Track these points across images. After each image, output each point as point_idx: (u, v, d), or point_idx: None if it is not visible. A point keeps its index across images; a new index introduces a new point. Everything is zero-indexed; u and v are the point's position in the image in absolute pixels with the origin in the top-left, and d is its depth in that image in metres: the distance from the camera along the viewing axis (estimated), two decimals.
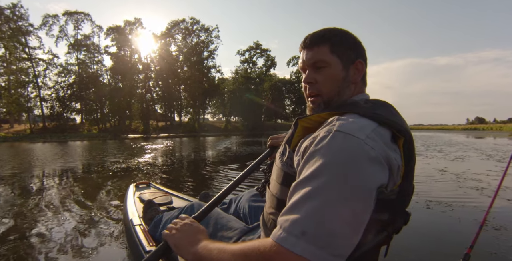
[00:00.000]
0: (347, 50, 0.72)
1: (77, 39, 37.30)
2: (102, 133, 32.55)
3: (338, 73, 0.71)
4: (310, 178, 0.53)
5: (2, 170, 6.14)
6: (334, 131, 0.56)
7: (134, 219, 1.55)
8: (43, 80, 35.98)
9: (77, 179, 4.88)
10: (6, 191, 3.95)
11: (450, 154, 8.45)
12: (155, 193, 2.03)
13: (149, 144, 15.51)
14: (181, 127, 38.60)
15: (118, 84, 38.81)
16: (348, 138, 0.54)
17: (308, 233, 0.48)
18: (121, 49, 38.25)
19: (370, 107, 0.65)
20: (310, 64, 0.73)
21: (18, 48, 33.88)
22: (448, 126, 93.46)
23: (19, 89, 34.29)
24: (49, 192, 3.83)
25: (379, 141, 0.55)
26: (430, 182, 4.34)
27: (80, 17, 37.11)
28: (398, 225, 0.64)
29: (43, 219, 2.61)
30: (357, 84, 0.74)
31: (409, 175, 0.61)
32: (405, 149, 0.59)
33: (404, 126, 0.61)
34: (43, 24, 35.51)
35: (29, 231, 2.30)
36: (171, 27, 40.65)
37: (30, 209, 2.98)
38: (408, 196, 0.64)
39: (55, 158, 8.53)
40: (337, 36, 0.72)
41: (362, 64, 0.73)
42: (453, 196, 3.53)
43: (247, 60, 46.41)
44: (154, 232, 1.29)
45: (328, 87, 0.72)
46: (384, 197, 0.56)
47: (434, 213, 2.94)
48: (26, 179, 4.90)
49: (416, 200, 3.40)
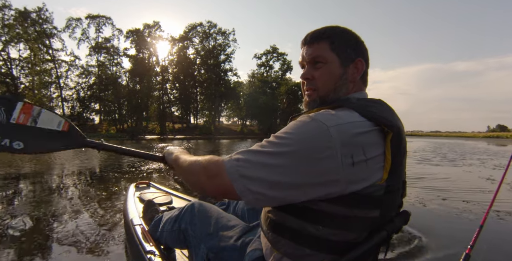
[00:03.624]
0: (347, 48, 0.72)
1: (98, 41, 38.16)
2: (119, 134, 32.99)
3: (336, 70, 0.72)
4: (271, 141, 0.60)
5: (14, 168, 6.10)
6: (309, 116, 0.60)
7: (134, 219, 1.55)
8: (65, 81, 37.06)
9: (87, 178, 4.83)
10: (12, 190, 3.89)
11: (488, 162, 8.16)
12: (155, 193, 2.04)
13: (165, 145, 15.47)
14: (197, 129, 38.79)
15: (136, 86, 39.44)
16: (315, 123, 0.57)
17: (240, 160, 0.60)
18: (140, 51, 38.94)
19: (362, 104, 0.65)
20: (309, 60, 0.74)
21: (42, 50, 35.04)
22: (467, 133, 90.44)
23: (42, 90, 35.42)
24: (55, 191, 3.80)
25: (348, 134, 0.56)
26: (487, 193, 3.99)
27: (101, 20, 38.02)
28: (397, 224, 0.65)
29: (43, 219, 2.59)
30: (355, 82, 0.74)
31: (398, 170, 0.62)
32: (393, 144, 0.60)
33: (394, 122, 0.61)
34: (67, 27, 36.57)
35: (29, 230, 2.27)
36: (188, 30, 41.14)
37: (32, 207, 2.97)
38: (397, 192, 0.64)
39: (72, 157, 8.54)
40: (338, 33, 0.73)
41: (363, 63, 0.73)
42: None
43: (264, 64, 46.38)
44: (154, 232, 1.27)
45: (325, 83, 0.72)
46: (370, 193, 0.58)
47: (434, 213, 2.95)
48: (38, 177, 4.87)
49: (417, 200, 3.45)
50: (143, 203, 1.75)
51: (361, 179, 0.57)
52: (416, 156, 10.41)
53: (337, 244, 0.56)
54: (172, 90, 42.06)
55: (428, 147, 17.26)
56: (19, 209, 2.92)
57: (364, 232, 0.62)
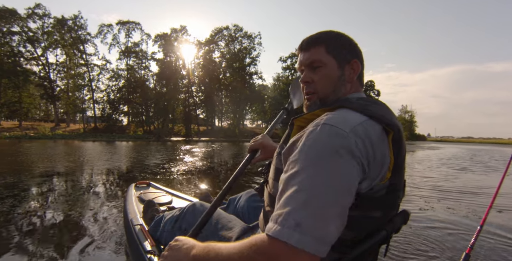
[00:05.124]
0: (342, 50, 0.74)
1: (127, 46, 39.54)
2: (146, 135, 33.65)
3: (334, 72, 0.74)
4: (298, 170, 0.55)
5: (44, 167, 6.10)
6: (322, 124, 0.58)
7: (134, 219, 1.54)
8: (97, 83, 38.81)
9: (88, 178, 4.74)
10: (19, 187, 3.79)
11: None
12: (155, 193, 2.03)
13: (192, 147, 15.41)
14: (221, 132, 38.85)
15: (162, 89, 40.32)
16: (333, 130, 0.56)
17: (302, 224, 0.49)
18: (167, 55, 39.84)
19: (362, 104, 0.67)
20: (307, 64, 0.76)
21: (77, 54, 36.87)
22: (503, 140, 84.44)
23: (76, 92, 37.17)
24: (66, 189, 3.76)
25: (363, 136, 0.57)
26: None
27: (131, 26, 39.44)
28: (397, 224, 0.66)
29: (43, 218, 2.57)
30: (353, 83, 0.76)
31: (399, 169, 0.63)
32: (394, 143, 0.61)
33: (393, 121, 0.62)
34: (99, 32, 38.25)
35: (29, 230, 2.25)
36: (215, 34, 41.59)
37: (36, 204, 2.98)
38: (399, 191, 0.65)
39: (99, 157, 8.58)
40: (332, 37, 0.75)
41: (358, 63, 0.75)
42: None
43: (289, 67, 45.88)
44: (154, 232, 1.27)
45: (324, 86, 0.75)
46: (373, 193, 0.59)
47: (434, 213, 2.95)
48: (61, 176, 4.86)
49: (417, 201, 3.48)
50: (143, 203, 1.76)
51: (367, 179, 0.58)
52: (452, 164, 9.29)
53: (337, 243, 0.54)
54: (198, 93, 42.59)
55: (463, 154, 15.85)
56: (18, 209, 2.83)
57: (364, 232, 0.62)
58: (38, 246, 1.94)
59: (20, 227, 2.28)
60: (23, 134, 26.46)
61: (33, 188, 3.78)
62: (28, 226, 2.33)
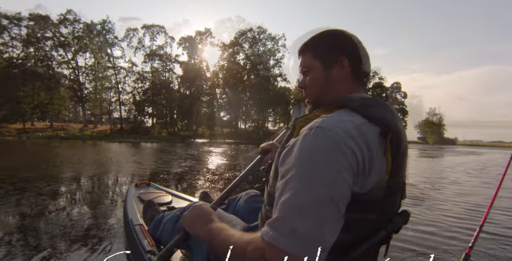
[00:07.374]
0: (327, 51, 0.74)
1: (152, 49, 40.12)
2: (171, 136, 33.76)
3: (319, 74, 0.75)
4: (293, 176, 0.55)
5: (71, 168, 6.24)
6: (315, 127, 0.58)
7: (134, 219, 1.54)
8: (123, 86, 39.59)
9: (87, 178, 4.73)
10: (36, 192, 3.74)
11: None
12: (155, 193, 2.02)
13: (215, 149, 15.20)
14: (245, 134, 38.48)
15: (186, 91, 40.59)
16: (326, 134, 0.56)
17: (297, 230, 0.50)
18: (191, 57, 40.09)
19: (360, 104, 0.66)
20: (300, 71, 0.79)
21: (104, 58, 37.88)
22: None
23: (103, 94, 38.15)
24: (74, 191, 3.78)
25: (358, 139, 0.56)
26: None
27: (155, 29, 40.02)
28: (397, 224, 0.66)
29: (43, 217, 2.59)
30: (346, 82, 0.73)
31: (398, 171, 0.63)
32: (393, 145, 0.60)
33: (393, 123, 0.61)
34: (125, 36, 39.14)
35: (28, 229, 2.25)
36: (239, 36, 41.45)
37: (39, 204, 3.00)
38: (397, 193, 0.66)
39: (124, 158, 8.67)
40: (318, 40, 0.76)
41: (345, 60, 0.72)
42: None
43: None
44: (154, 232, 1.28)
45: (312, 89, 0.76)
46: (371, 195, 0.58)
47: (434, 213, 2.99)
48: (81, 178, 4.84)
49: (418, 200, 3.50)
50: (143, 203, 1.75)
51: (364, 182, 0.58)
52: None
53: (336, 244, 0.54)
54: (222, 95, 42.52)
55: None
56: None
57: (364, 233, 0.62)
58: (36, 245, 1.92)
59: (24, 224, 2.28)
60: (54, 134, 27.24)
61: (62, 186, 3.88)
62: (20, 225, 2.31)
